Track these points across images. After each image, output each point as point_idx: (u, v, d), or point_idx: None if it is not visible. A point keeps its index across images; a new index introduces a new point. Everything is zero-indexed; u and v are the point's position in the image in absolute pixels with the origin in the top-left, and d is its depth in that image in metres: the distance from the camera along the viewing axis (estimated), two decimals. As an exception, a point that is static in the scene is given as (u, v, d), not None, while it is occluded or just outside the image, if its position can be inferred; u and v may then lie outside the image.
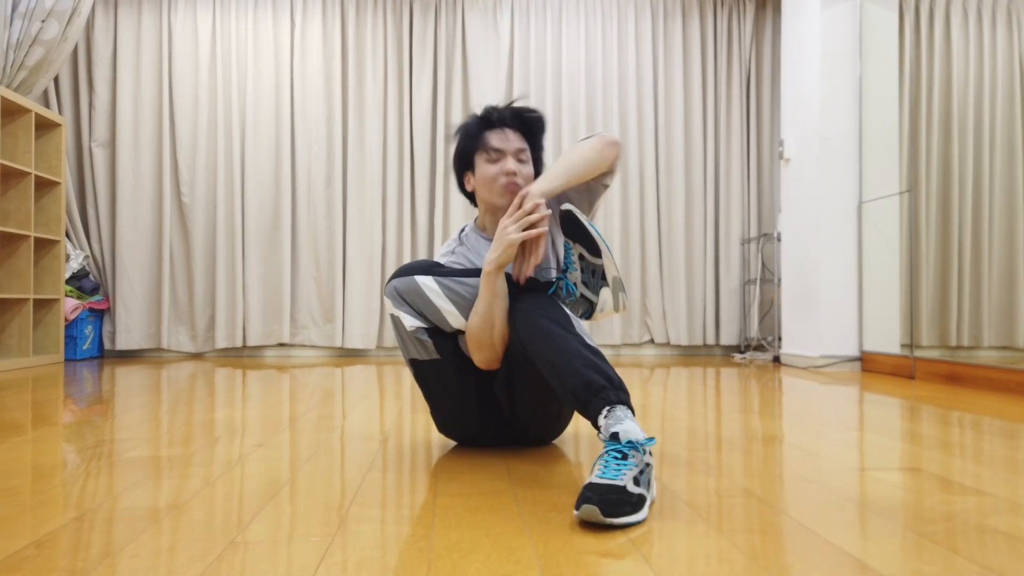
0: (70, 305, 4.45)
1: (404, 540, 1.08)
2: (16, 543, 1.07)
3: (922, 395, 2.86)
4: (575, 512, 1.15)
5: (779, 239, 4.57)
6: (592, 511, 1.12)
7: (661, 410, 2.42)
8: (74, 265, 4.60)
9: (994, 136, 3.81)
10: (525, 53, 5.01)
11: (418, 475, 1.50)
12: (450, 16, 4.98)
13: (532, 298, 1.51)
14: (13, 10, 4.08)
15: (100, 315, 4.78)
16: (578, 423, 2.14)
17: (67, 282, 4.55)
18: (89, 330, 4.66)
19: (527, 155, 1.66)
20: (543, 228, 1.49)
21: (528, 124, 1.67)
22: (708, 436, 1.95)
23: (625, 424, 1.27)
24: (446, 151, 4.93)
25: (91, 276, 4.74)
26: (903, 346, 3.74)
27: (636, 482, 1.20)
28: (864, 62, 4.03)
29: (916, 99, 3.93)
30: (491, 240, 1.68)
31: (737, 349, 5.13)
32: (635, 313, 5.04)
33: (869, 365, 3.92)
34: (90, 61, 4.79)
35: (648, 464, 1.26)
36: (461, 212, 4.90)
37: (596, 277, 1.49)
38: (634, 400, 2.68)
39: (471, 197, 1.73)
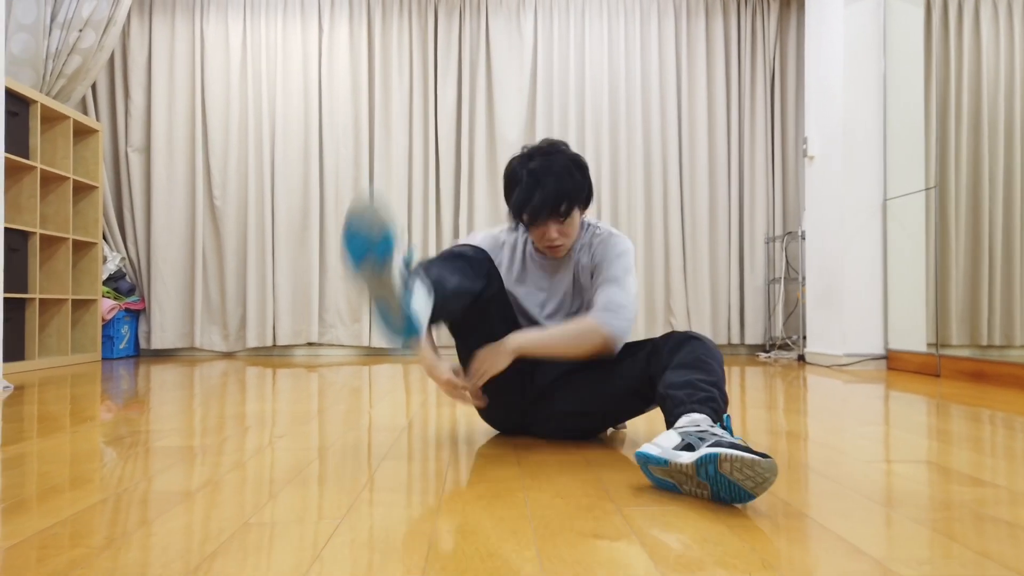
0: (107, 305, 4.59)
1: (410, 522, 1.13)
2: (51, 519, 1.14)
3: (946, 392, 2.84)
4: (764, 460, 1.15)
5: (803, 237, 4.55)
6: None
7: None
8: (111, 267, 4.74)
9: (1025, 132, 3.75)
10: (548, 54, 5.05)
11: (432, 465, 1.55)
12: (474, 19, 5.04)
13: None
14: (52, 20, 4.23)
15: (136, 315, 4.93)
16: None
17: (104, 283, 4.69)
18: (125, 330, 4.80)
19: (566, 219, 1.68)
20: (467, 402, 1.67)
21: (563, 213, 1.67)
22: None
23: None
24: (471, 153, 4.99)
25: (127, 277, 4.88)
26: (929, 344, 3.70)
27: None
28: (888, 58, 4.00)
29: (944, 95, 3.89)
30: (539, 261, 1.79)
31: (762, 348, 5.11)
32: (659, 312, 5.05)
33: (895, 363, 3.89)
34: (126, 68, 4.94)
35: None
36: (485, 212, 4.96)
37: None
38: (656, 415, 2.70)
39: None
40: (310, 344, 4.99)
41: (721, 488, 1.20)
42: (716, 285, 5.08)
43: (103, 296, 4.60)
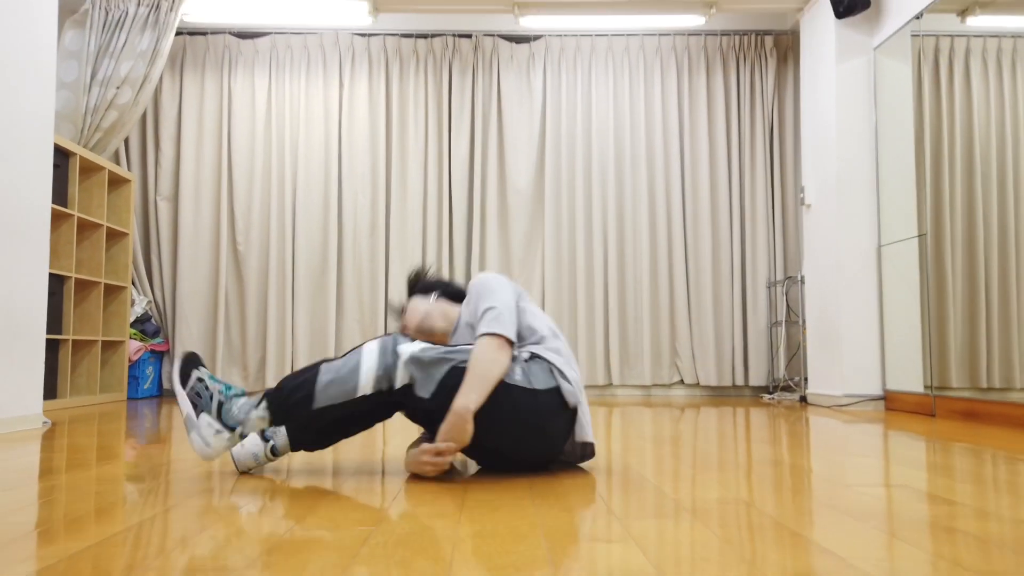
0: (133, 347, 4.79)
1: (434, 529, 1.29)
2: (97, 535, 1.31)
3: (938, 430, 2.97)
4: None
5: (803, 282, 4.71)
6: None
7: (693, 445, 2.59)
8: (138, 310, 4.96)
9: (1019, 181, 3.94)
10: (557, 108, 5.31)
11: (452, 486, 1.70)
12: (486, 75, 5.31)
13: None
14: (92, 78, 4.52)
15: (160, 356, 5.12)
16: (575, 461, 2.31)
17: (131, 325, 4.90)
18: (150, 371, 4.99)
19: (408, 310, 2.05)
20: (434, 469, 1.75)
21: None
22: (725, 461, 2.12)
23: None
24: (482, 200, 5.22)
25: (153, 320, 5.09)
26: (926, 386, 3.83)
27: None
28: (879, 111, 4.22)
29: (937, 145, 4.09)
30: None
31: (765, 390, 5.24)
32: (665, 354, 5.20)
33: (892, 403, 4.01)
34: (157, 122, 5.22)
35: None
36: (496, 256, 5.17)
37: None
38: (665, 436, 2.85)
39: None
40: (326, 385, 5.15)
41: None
42: (720, 329, 5.23)
43: (130, 338, 4.80)
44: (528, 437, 1.79)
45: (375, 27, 5.31)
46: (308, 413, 1.69)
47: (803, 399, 4.62)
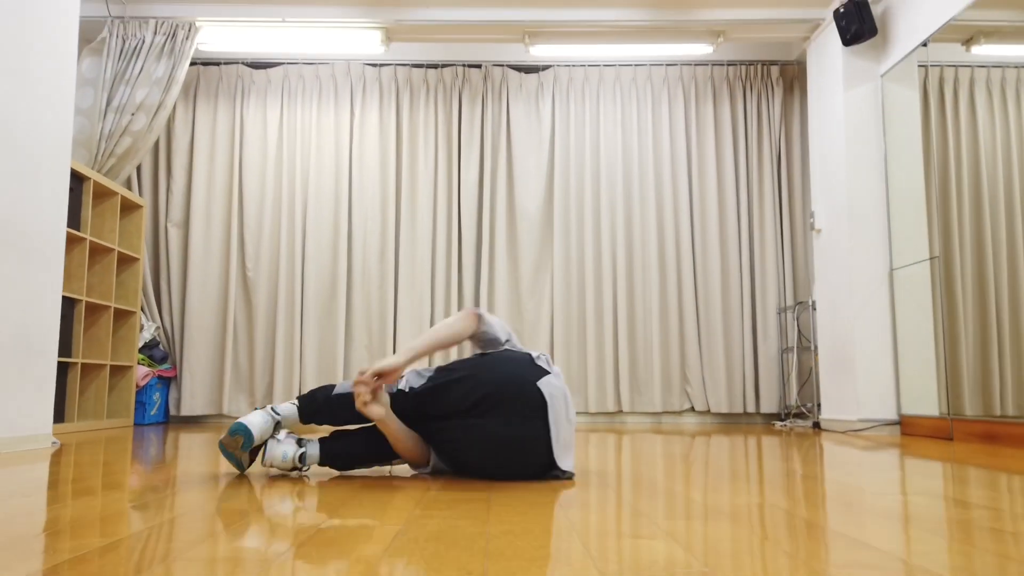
0: (141, 372, 4.76)
1: (464, 528, 1.27)
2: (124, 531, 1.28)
3: (958, 453, 2.93)
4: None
5: (814, 307, 4.70)
6: None
7: (711, 463, 2.55)
8: (146, 335, 4.94)
9: None
10: (565, 135, 5.36)
11: (473, 493, 1.68)
12: (496, 104, 5.37)
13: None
14: (107, 105, 4.58)
15: (167, 382, 5.09)
16: (584, 458, 2.28)
17: (139, 351, 4.88)
18: (157, 396, 4.95)
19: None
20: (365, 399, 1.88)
21: None
22: (748, 474, 2.09)
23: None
24: (491, 227, 5.24)
25: (161, 346, 5.07)
26: (942, 410, 3.79)
27: None
28: (888, 137, 4.25)
29: (944, 170, 4.11)
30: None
31: (777, 416, 5.19)
32: (675, 381, 5.16)
33: (908, 428, 3.97)
34: (170, 149, 5.27)
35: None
36: (504, 283, 5.16)
37: None
38: (678, 463, 2.81)
39: None
40: (334, 412, 5.11)
41: None
42: (730, 355, 5.20)
43: (138, 363, 4.78)
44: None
45: (386, 57, 5.39)
46: (326, 395, 2.00)
47: (816, 425, 4.57)
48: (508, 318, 5.19)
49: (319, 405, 2.00)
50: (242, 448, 1.95)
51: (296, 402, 2.03)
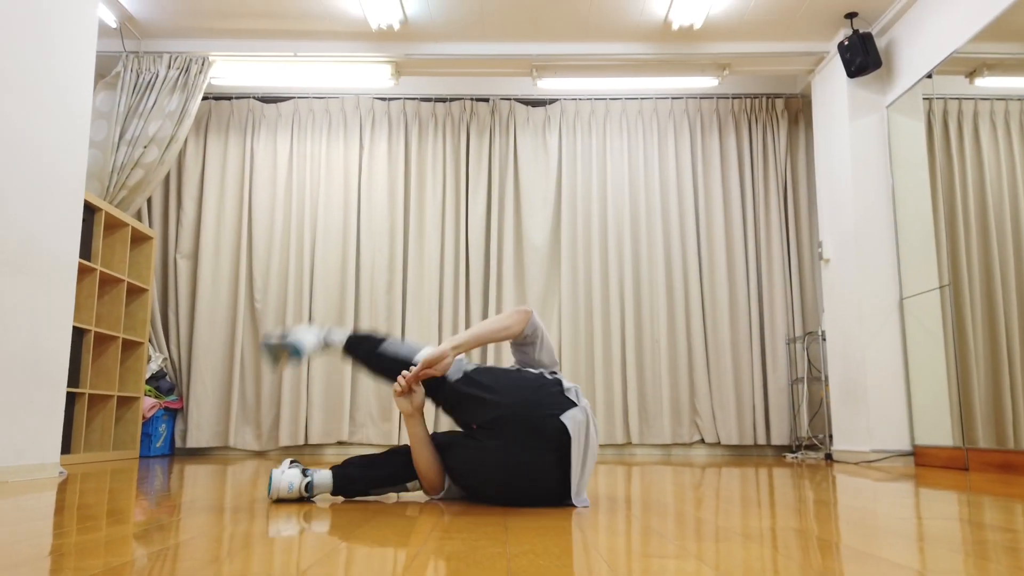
0: (148, 404, 4.74)
1: (485, 548, 1.25)
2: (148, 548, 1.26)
3: (975, 483, 2.89)
4: None
5: (824, 337, 4.68)
6: None
7: (724, 492, 2.52)
8: (154, 367, 4.93)
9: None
10: (572, 167, 5.40)
11: (490, 517, 1.65)
12: (503, 136, 5.42)
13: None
14: (120, 137, 4.63)
15: (174, 414, 5.07)
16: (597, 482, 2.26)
17: (146, 382, 4.87)
18: (163, 428, 4.93)
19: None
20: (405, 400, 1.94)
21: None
22: (762, 500, 2.05)
23: None
24: (499, 258, 5.25)
25: (168, 377, 5.06)
26: (956, 441, 3.75)
27: None
28: (894, 166, 4.27)
29: (951, 201, 4.12)
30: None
31: (788, 448, 5.13)
32: (684, 413, 5.12)
33: (922, 458, 3.92)
34: (180, 181, 5.32)
35: None
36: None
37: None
38: (689, 499, 2.78)
39: None
40: (340, 443, 5.08)
41: None
42: (740, 386, 5.17)
43: (145, 394, 4.76)
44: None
45: (395, 91, 5.46)
46: (371, 349, 2.08)
47: (828, 457, 4.52)
48: (516, 349, 5.16)
49: (361, 353, 2.11)
50: (286, 360, 2.12)
51: (346, 337, 2.15)
